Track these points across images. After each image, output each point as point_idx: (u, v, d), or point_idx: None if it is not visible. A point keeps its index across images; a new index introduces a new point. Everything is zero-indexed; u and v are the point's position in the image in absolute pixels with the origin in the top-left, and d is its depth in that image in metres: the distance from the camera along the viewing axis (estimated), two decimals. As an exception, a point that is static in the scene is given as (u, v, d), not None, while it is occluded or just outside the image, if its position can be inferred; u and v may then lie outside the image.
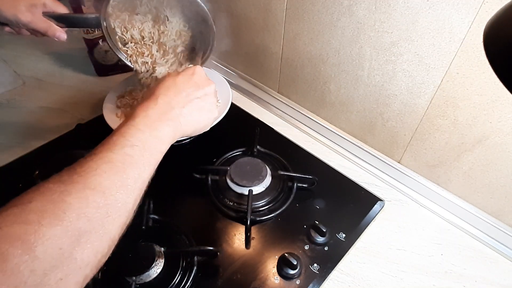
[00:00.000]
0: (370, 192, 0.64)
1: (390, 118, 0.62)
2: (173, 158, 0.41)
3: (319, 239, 0.55)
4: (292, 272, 0.51)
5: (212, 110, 0.47)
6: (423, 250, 0.57)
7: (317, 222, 0.55)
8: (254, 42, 0.77)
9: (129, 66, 0.60)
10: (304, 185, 0.63)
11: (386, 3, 0.51)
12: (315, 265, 0.53)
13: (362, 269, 0.54)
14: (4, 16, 0.50)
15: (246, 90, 0.87)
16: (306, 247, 0.55)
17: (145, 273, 0.49)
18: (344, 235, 0.57)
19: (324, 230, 0.54)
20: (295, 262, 0.50)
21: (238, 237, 0.57)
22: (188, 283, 0.51)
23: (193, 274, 0.52)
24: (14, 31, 0.55)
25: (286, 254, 0.51)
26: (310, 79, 0.71)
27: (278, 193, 0.63)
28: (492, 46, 0.24)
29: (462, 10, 0.44)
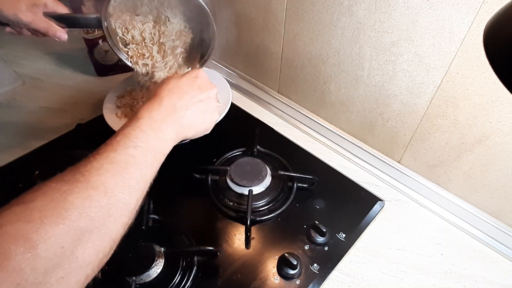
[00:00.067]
0: (370, 192, 0.64)
1: (390, 118, 0.62)
2: (173, 158, 0.41)
3: (319, 239, 0.55)
4: (292, 272, 0.51)
5: (213, 113, 0.48)
6: (423, 250, 0.57)
7: (317, 222, 0.55)
8: (254, 42, 0.77)
9: (129, 66, 0.60)
10: (304, 185, 0.63)
11: (386, 3, 0.51)
12: (315, 265, 0.53)
13: (362, 269, 0.54)
14: (4, 16, 0.50)
15: (246, 90, 0.87)
16: (306, 247, 0.55)
17: (145, 273, 0.50)
18: (344, 235, 0.57)
19: (324, 230, 0.54)
20: (295, 262, 0.50)
21: (238, 237, 0.57)
22: (188, 283, 0.51)
23: (193, 274, 0.52)
24: (15, 31, 0.55)
25: (286, 254, 0.51)
26: (310, 79, 0.71)
27: (278, 193, 0.63)
28: (492, 46, 0.24)
29: (462, 10, 0.45)
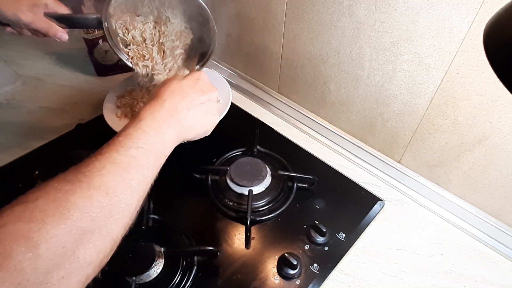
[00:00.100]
0: (370, 192, 0.64)
1: (390, 118, 0.62)
2: (173, 158, 0.41)
3: (319, 239, 0.55)
4: (292, 272, 0.51)
5: (214, 116, 0.48)
6: (423, 250, 0.57)
7: (317, 222, 0.55)
8: (254, 42, 0.77)
9: (129, 66, 0.60)
10: (304, 185, 0.63)
11: (386, 3, 0.51)
12: (315, 265, 0.53)
13: (362, 269, 0.54)
14: (5, 16, 0.50)
15: (246, 90, 0.87)
16: (306, 247, 0.55)
17: (145, 273, 0.50)
18: (344, 235, 0.57)
19: (324, 230, 0.54)
20: (295, 262, 0.50)
21: (238, 237, 0.57)
22: (188, 283, 0.51)
23: (193, 274, 0.52)
24: (16, 32, 0.55)
25: (286, 254, 0.51)
26: (310, 79, 0.71)
27: (278, 193, 0.63)
28: (492, 46, 0.24)
29: (462, 10, 0.45)
